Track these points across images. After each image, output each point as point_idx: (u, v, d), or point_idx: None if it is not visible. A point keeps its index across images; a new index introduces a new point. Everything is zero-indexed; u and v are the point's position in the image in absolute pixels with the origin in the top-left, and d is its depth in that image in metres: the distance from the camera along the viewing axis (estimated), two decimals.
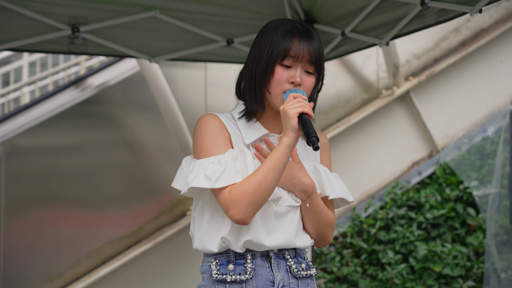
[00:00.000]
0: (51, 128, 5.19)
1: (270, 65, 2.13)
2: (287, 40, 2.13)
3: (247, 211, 2.03)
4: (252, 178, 2.04)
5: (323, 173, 2.25)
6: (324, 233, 2.24)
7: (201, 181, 2.05)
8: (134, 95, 5.47)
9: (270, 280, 2.14)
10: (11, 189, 5.04)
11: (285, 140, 2.06)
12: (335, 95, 5.83)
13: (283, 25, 2.17)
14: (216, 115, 2.18)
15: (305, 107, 2.05)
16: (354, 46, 3.94)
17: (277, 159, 2.05)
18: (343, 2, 3.81)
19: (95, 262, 5.19)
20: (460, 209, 5.54)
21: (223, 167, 2.06)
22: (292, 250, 2.20)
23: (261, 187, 2.03)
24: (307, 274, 2.21)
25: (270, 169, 2.04)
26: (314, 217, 2.20)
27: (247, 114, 2.19)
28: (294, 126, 2.04)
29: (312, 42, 2.15)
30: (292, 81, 2.13)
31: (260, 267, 2.14)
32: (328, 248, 5.52)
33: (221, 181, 2.04)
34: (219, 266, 2.13)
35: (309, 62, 2.14)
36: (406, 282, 5.32)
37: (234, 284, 2.12)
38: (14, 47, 3.90)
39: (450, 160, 5.78)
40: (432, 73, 5.96)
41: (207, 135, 2.13)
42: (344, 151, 5.79)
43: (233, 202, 2.03)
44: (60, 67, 7.34)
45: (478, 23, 6.16)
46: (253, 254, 2.14)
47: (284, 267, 2.17)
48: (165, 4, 3.82)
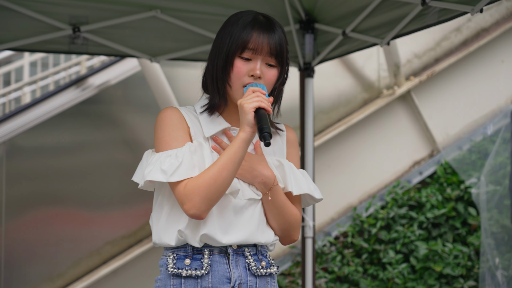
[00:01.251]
0: (52, 127, 5.19)
1: (229, 58, 2.10)
2: (246, 32, 2.09)
3: (202, 206, 2.01)
4: (207, 172, 2.02)
5: (287, 168, 2.20)
6: (288, 230, 2.19)
7: (157, 175, 2.04)
8: (135, 94, 5.47)
9: (226, 277, 2.11)
10: (12, 189, 5.04)
11: (241, 134, 2.03)
12: (336, 94, 5.83)
13: (244, 17, 2.14)
14: (176, 108, 2.17)
15: (263, 101, 2.01)
16: (355, 46, 3.94)
17: (233, 154, 2.02)
18: (344, 2, 3.81)
19: (96, 261, 5.19)
20: (461, 209, 5.54)
21: (180, 160, 2.04)
22: (253, 247, 2.16)
23: (216, 182, 2.01)
24: (267, 272, 2.17)
25: (226, 164, 2.02)
26: (276, 212, 2.15)
27: (209, 107, 2.17)
28: (250, 121, 2.01)
29: (273, 34, 2.10)
30: (252, 74, 2.09)
31: (218, 263, 2.11)
32: (329, 247, 5.52)
33: (177, 175, 2.03)
34: (176, 260, 2.11)
35: (269, 54, 2.10)
36: (407, 282, 5.32)
37: (190, 279, 2.09)
38: (15, 46, 3.91)
39: (451, 160, 5.78)
40: (433, 72, 5.96)
41: (166, 128, 2.11)
42: (345, 151, 5.79)
43: (188, 196, 2.02)
44: (61, 66, 7.34)
45: (479, 22, 6.16)
46: (211, 249, 2.11)
47: (243, 264, 2.13)
48: (166, 4, 3.82)
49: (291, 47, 4.18)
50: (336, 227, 5.60)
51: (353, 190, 5.78)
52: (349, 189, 5.77)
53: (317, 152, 5.38)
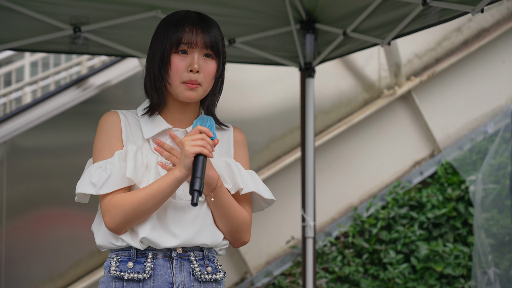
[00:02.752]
0: (53, 127, 5.20)
1: (166, 56, 2.10)
2: (179, 29, 2.10)
3: (120, 224, 2.04)
4: (134, 196, 2.03)
5: (234, 168, 2.16)
6: (236, 232, 2.16)
7: (88, 188, 2.06)
8: (135, 94, 5.47)
9: (169, 282, 2.08)
10: (13, 189, 5.05)
11: (176, 173, 2.01)
12: (336, 94, 5.82)
13: (175, 16, 2.15)
14: (116, 112, 2.17)
15: (205, 147, 1.98)
16: (356, 46, 3.94)
17: (163, 188, 2.01)
18: (344, 2, 3.81)
19: (96, 262, 5.19)
20: (461, 209, 5.54)
21: (109, 173, 2.05)
22: (199, 251, 2.13)
23: (139, 209, 2.02)
24: (212, 278, 2.13)
25: (154, 195, 2.01)
26: (221, 213, 2.12)
27: (149, 109, 2.16)
28: (187, 165, 1.98)
29: (206, 27, 2.12)
30: (191, 69, 2.08)
31: (161, 267, 2.08)
32: (330, 247, 5.52)
33: (105, 187, 2.05)
34: (119, 263, 2.09)
35: (205, 46, 2.10)
36: (407, 282, 5.32)
37: (132, 283, 2.07)
38: (16, 46, 3.91)
39: (452, 160, 5.78)
40: (433, 72, 5.95)
41: (101, 135, 2.13)
42: (346, 151, 5.79)
43: (109, 211, 2.04)
44: (61, 66, 7.34)
45: (480, 22, 6.16)
46: (155, 253, 2.09)
47: (187, 269, 2.10)
48: (166, 4, 3.83)
49: (292, 47, 4.18)
50: (337, 227, 5.60)
51: (354, 190, 5.78)
52: (349, 189, 5.77)
53: (318, 152, 5.38)
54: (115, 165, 2.06)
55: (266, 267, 5.47)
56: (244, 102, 5.58)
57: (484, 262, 4.86)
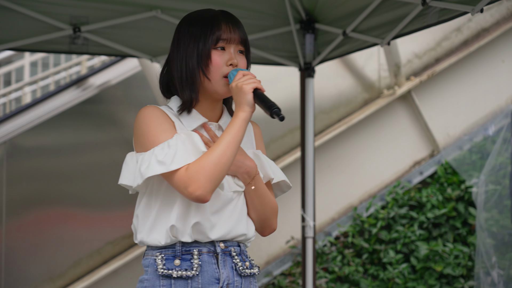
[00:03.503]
0: (52, 127, 5.20)
1: (205, 53, 2.13)
2: (216, 26, 2.15)
3: (208, 186, 2.00)
4: (211, 153, 2.02)
5: (263, 158, 2.23)
6: (268, 219, 2.22)
7: (156, 168, 2.02)
8: (135, 94, 5.48)
9: (215, 277, 2.10)
10: (13, 189, 5.05)
11: (241, 114, 2.06)
12: (336, 94, 5.83)
13: (204, 14, 2.20)
14: (156, 106, 2.17)
15: (258, 83, 2.07)
16: (356, 46, 3.94)
17: (235, 133, 2.04)
18: (344, 2, 3.81)
19: (96, 261, 5.19)
20: (461, 209, 5.54)
21: (175, 149, 2.04)
22: (237, 247, 2.16)
23: (220, 161, 2.01)
24: (251, 272, 2.18)
25: (229, 143, 2.03)
26: (258, 202, 2.18)
27: (186, 105, 2.17)
28: (250, 101, 2.06)
29: (238, 23, 2.19)
30: (231, 63, 2.14)
31: (207, 264, 2.10)
32: (330, 247, 5.52)
33: (175, 163, 2.02)
34: (165, 261, 2.09)
35: (240, 42, 2.17)
36: (407, 282, 5.32)
37: (180, 280, 2.07)
38: (16, 46, 3.91)
39: (452, 160, 5.78)
40: (433, 72, 5.96)
41: (152, 123, 2.10)
42: (345, 151, 5.79)
43: (192, 178, 2.00)
44: (61, 66, 7.35)
45: (480, 22, 6.16)
46: (200, 249, 2.10)
47: (230, 265, 2.13)
48: (166, 4, 3.83)
49: (292, 47, 4.18)
50: (337, 227, 5.61)
51: (354, 190, 5.78)
52: (349, 189, 5.77)
53: (318, 152, 5.38)
54: (179, 142, 2.06)
55: (266, 267, 5.47)
56: None
57: (487, 263, 4.86)
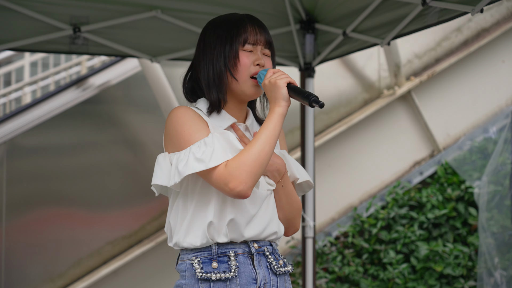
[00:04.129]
0: (52, 128, 5.20)
1: (233, 54, 2.16)
2: (242, 28, 2.19)
3: (249, 181, 2.00)
4: (250, 148, 2.03)
5: (288, 157, 2.26)
6: (294, 219, 2.24)
7: (195, 165, 2.02)
8: (135, 95, 5.48)
9: (253, 278, 2.11)
10: (13, 189, 5.05)
11: (277, 109, 2.07)
12: (336, 94, 5.83)
13: (230, 17, 2.24)
14: (188, 107, 2.17)
15: (290, 78, 2.10)
16: (356, 46, 3.94)
17: (272, 128, 2.05)
18: (344, 2, 3.81)
19: (96, 261, 5.19)
20: (461, 209, 5.54)
21: (212, 147, 2.04)
22: (269, 246, 2.18)
23: (260, 156, 2.02)
24: (285, 270, 2.20)
25: (268, 138, 2.04)
26: (286, 201, 2.20)
27: (215, 106, 2.18)
28: (285, 95, 2.07)
29: (263, 27, 2.23)
30: (258, 63, 2.18)
31: (243, 265, 2.11)
32: (330, 248, 5.52)
33: (214, 160, 2.02)
34: (202, 264, 2.09)
35: (265, 44, 2.22)
36: (407, 282, 5.32)
37: (219, 283, 2.08)
38: (16, 47, 3.91)
39: (452, 160, 5.78)
40: (433, 72, 5.96)
41: (186, 122, 2.10)
42: (345, 151, 5.79)
43: (233, 174, 2.00)
44: (61, 67, 7.34)
45: (480, 22, 6.16)
46: (236, 251, 2.11)
47: (265, 264, 2.15)
48: (166, 4, 3.83)
49: (292, 47, 4.18)
50: (337, 227, 5.61)
51: (354, 190, 5.78)
52: (349, 189, 5.77)
53: (318, 152, 5.38)
54: (215, 140, 2.06)
55: None
56: None
57: (490, 264, 4.86)
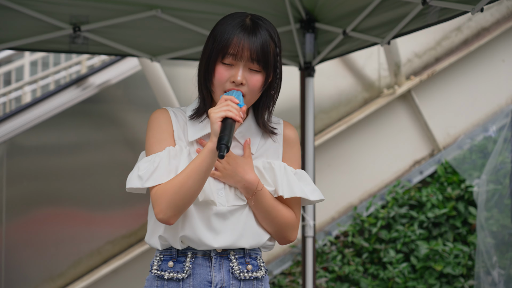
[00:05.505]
0: (52, 127, 5.20)
1: (211, 64, 2.07)
2: (226, 37, 2.04)
3: (168, 212, 2.01)
4: (174, 179, 2.03)
5: (278, 170, 2.14)
6: (280, 232, 2.16)
7: (135, 181, 2.05)
8: (135, 94, 5.47)
9: (208, 280, 2.10)
10: (13, 188, 5.05)
11: (208, 144, 1.99)
12: (336, 94, 5.83)
13: (229, 21, 2.10)
14: (166, 110, 2.16)
15: (231, 111, 1.95)
16: (356, 45, 3.94)
17: (198, 164, 2.00)
18: (344, 1, 3.81)
19: (96, 261, 5.19)
20: (461, 208, 5.54)
21: (155, 166, 2.04)
22: (240, 250, 2.14)
23: (181, 190, 2.00)
24: (252, 276, 2.14)
25: (192, 172, 2.00)
26: (264, 216, 2.12)
27: (197, 111, 2.15)
28: (216, 131, 1.95)
29: (254, 38, 2.04)
30: (233, 81, 2.04)
31: (200, 266, 2.10)
32: (330, 247, 5.52)
33: (151, 180, 2.04)
34: (161, 262, 2.12)
35: (251, 59, 2.03)
36: (407, 281, 5.32)
37: (172, 282, 2.10)
38: (16, 46, 3.91)
39: (452, 159, 5.78)
40: (433, 72, 5.95)
41: (152, 131, 2.12)
42: (346, 150, 5.79)
43: (156, 201, 2.03)
44: (61, 66, 7.34)
45: (480, 22, 6.16)
46: (195, 252, 2.10)
47: (227, 268, 2.12)
48: (166, 3, 3.83)
49: (292, 47, 4.18)
50: (337, 227, 5.60)
51: (354, 189, 5.78)
52: (349, 189, 5.77)
53: (318, 152, 5.38)
54: (163, 159, 2.06)
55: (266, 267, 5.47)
56: None
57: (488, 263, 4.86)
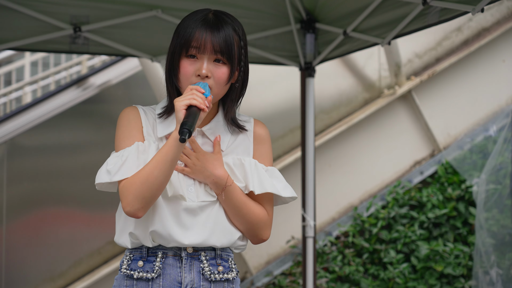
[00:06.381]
0: (53, 127, 5.20)
1: (175, 60, 2.08)
2: (189, 32, 2.05)
3: (135, 204, 2.00)
4: (140, 171, 2.02)
5: (248, 166, 2.14)
6: (252, 230, 2.14)
7: (103, 176, 2.05)
8: (136, 94, 5.48)
9: (178, 281, 2.09)
10: (13, 188, 5.05)
11: (173, 133, 2.00)
12: (337, 94, 5.83)
13: (190, 17, 2.10)
14: (136, 107, 2.16)
15: (195, 99, 1.97)
16: (356, 46, 3.94)
17: (164, 153, 2.00)
18: (344, 2, 3.81)
19: (96, 261, 5.20)
20: (462, 209, 5.54)
21: (123, 160, 2.04)
22: (211, 251, 2.12)
23: (147, 180, 1.99)
24: (223, 277, 2.13)
25: (158, 162, 2.00)
26: (235, 212, 2.11)
27: (166, 109, 2.15)
28: (180, 119, 1.97)
29: (216, 31, 2.05)
30: (198, 74, 2.05)
31: (170, 267, 2.09)
32: (330, 247, 5.52)
33: (119, 174, 2.03)
34: (131, 261, 2.11)
35: (214, 52, 2.04)
36: (408, 282, 5.32)
37: (141, 281, 2.09)
38: (16, 46, 3.91)
39: (452, 160, 5.77)
40: (434, 72, 5.95)
41: (121, 127, 2.12)
42: (346, 151, 5.79)
43: (123, 194, 2.02)
44: (62, 66, 7.34)
45: (480, 22, 6.16)
46: (165, 252, 2.09)
47: (197, 269, 2.10)
48: (166, 4, 3.83)
49: (292, 47, 4.18)
50: (337, 227, 5.60)
51: (354, 189, 5.78)
52: (350, 189, 5.77)
53: (318, 152, 5.38)
54: (132, 153, 2.06)
55: (266, 267, 5.47)
56: (244, 102, 5.57)
57: (486, 262, 4.86)
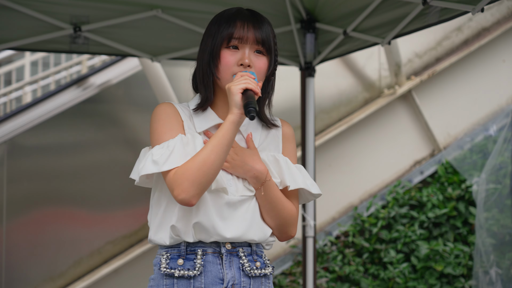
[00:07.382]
0: (53, 127, 5.20)
1: (216, 51, 2.12)
2: (230, 24, 2.11)
3: (191, 190, 1.99)
4: (195, 157, 2.02)
5: (283, 163, 2.18)
6: (283, 226, 2.17)
7: (150, 167, 2.04)
8: (136, 94, 5.48)
9: (219, 278, 2.10)
10: (13, 188, 5.05)
11: (229, 117, 2.02)
12: (337, 94, 5.83)
13: (227, 12, 2.17)
14: (171, 103, 2.18)
15: (250, 83, 2.01)
16: (356, 45, 3.94)
17: (221, 137, 2.01)
18: (345, 1, 3.81)
19: (97, 261, 5.20)
20: (462, 208, 5.54)
21: (171, 150, 2.04)
22: (248, 247, 2.15)
23: (204, 165, 2.00)
24: (261, 273, 2.16)
25: (214, 147, 2.01)
26: (270, 207, 2.14)
27: (201, 104, 2.17)
28: (237, 102, 2.00)
29: (257, 23, 2.13)
30: (241, 63, 2.10)
31: (211, 264, 2.10)
32: (330, 247, 5.52)
33: (168, 164, 2.03)
34: (169, 260, 2.10)
35: (256, 42, 2.12)
36: (408, 281, 5.32)
37: (182, 279, 2.08)
38: (16, 46, 3.91)
39: (452, 159, 5.78)
40: (434, 72, 5.95)
41: (160, 121, 2.13)
42: (346, 150, 5.79)
43: (177, 181, 2.00)
44: (62, 66, 7.34)
45: (480, 22, 6.16)
46: (205, 250, 2.10)
47: (237, 265, 2.12)
48: (167, 3, 3.83)
49: (292, 47, 4.18)
50: (337, 227, 5.61)
51: (354, 189, 5.78)
52: (350, 189, 5.77)
53: (318, 152, 5.38)
54: (177, 144, 2.06)
55: None
56: None
57: (486, 261, 4.86)
